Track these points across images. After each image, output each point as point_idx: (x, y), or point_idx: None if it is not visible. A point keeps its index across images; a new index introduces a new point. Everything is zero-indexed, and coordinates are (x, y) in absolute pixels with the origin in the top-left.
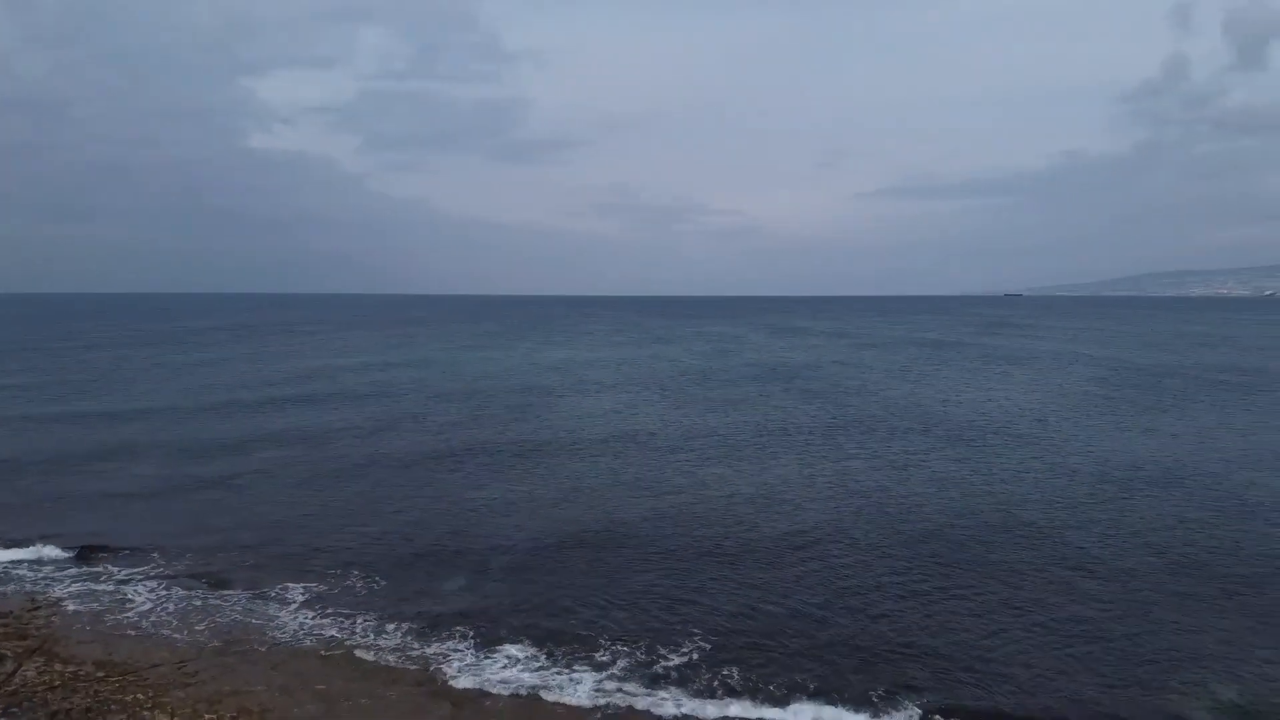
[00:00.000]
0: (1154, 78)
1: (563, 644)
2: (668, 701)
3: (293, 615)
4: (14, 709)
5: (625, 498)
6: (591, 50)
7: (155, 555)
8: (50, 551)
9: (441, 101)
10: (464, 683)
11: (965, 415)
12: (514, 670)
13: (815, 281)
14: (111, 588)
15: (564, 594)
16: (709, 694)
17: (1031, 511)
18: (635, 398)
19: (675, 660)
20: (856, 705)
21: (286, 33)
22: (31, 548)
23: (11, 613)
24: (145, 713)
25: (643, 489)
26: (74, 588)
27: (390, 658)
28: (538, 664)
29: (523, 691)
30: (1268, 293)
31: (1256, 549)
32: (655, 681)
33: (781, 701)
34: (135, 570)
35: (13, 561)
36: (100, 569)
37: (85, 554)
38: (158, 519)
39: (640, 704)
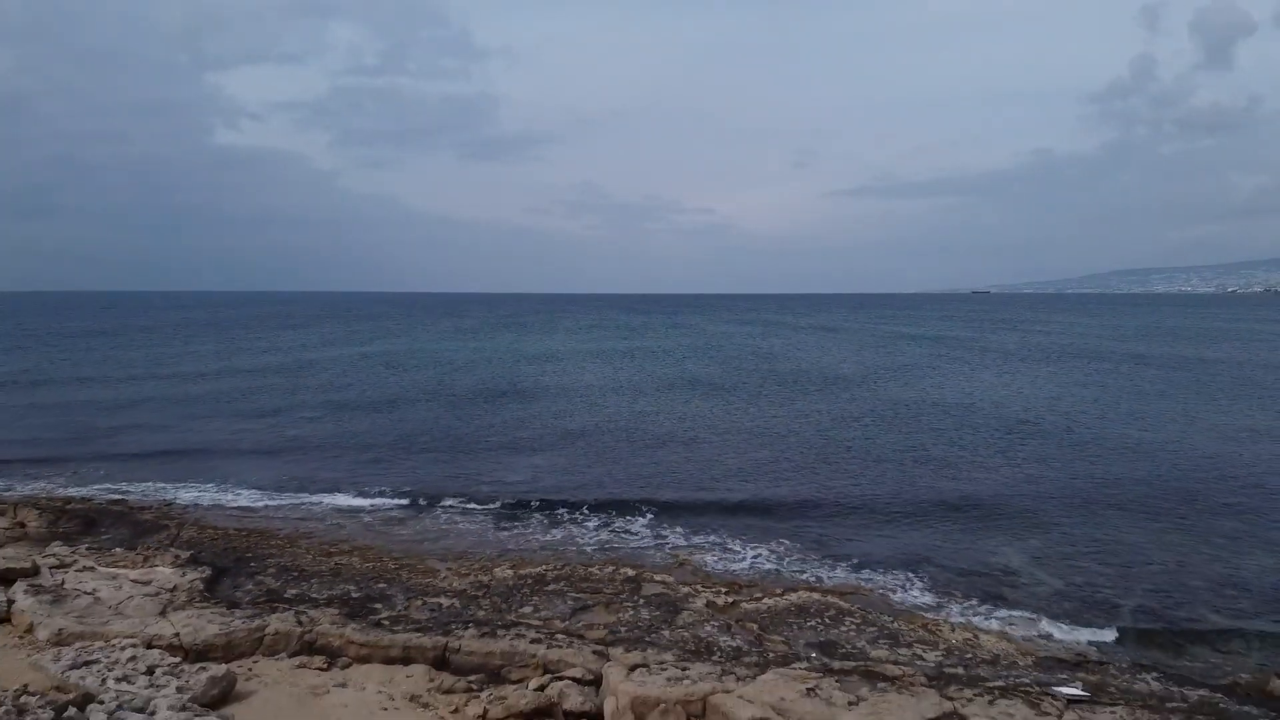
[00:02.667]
0: (1122, 78)
1: (570, 507)
2: (644, 532)
3: (361, 505)
4: (195, 547)
5: (605, 428)
6: (562, 47)
7: (228, 481)
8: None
9: (412, 98)
10: (508, 537)
11: (901, 385)
12: (538, 523)
13: (786, 279)
14: (211, 494)
15: (565, 484)
16: (661, 528)
17: (932, 446)
18: (613, 369)
19: (644, 512)
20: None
21: (254, 28)
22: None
23: (153, 505)
24: (288, 549)
25: (618, 419)
26: (182, 494)
27: (446, 525)
28: (553, 519)
29: (545, 534)
30: (1230, 289)
31: (1091, 472)
32: (630, 522)
33: (703, 529)
34: (223, 484)
35: (117, 480)
36: (184, 484)
37: (165, 475)
38: (211, 457)
39: (621, 537)
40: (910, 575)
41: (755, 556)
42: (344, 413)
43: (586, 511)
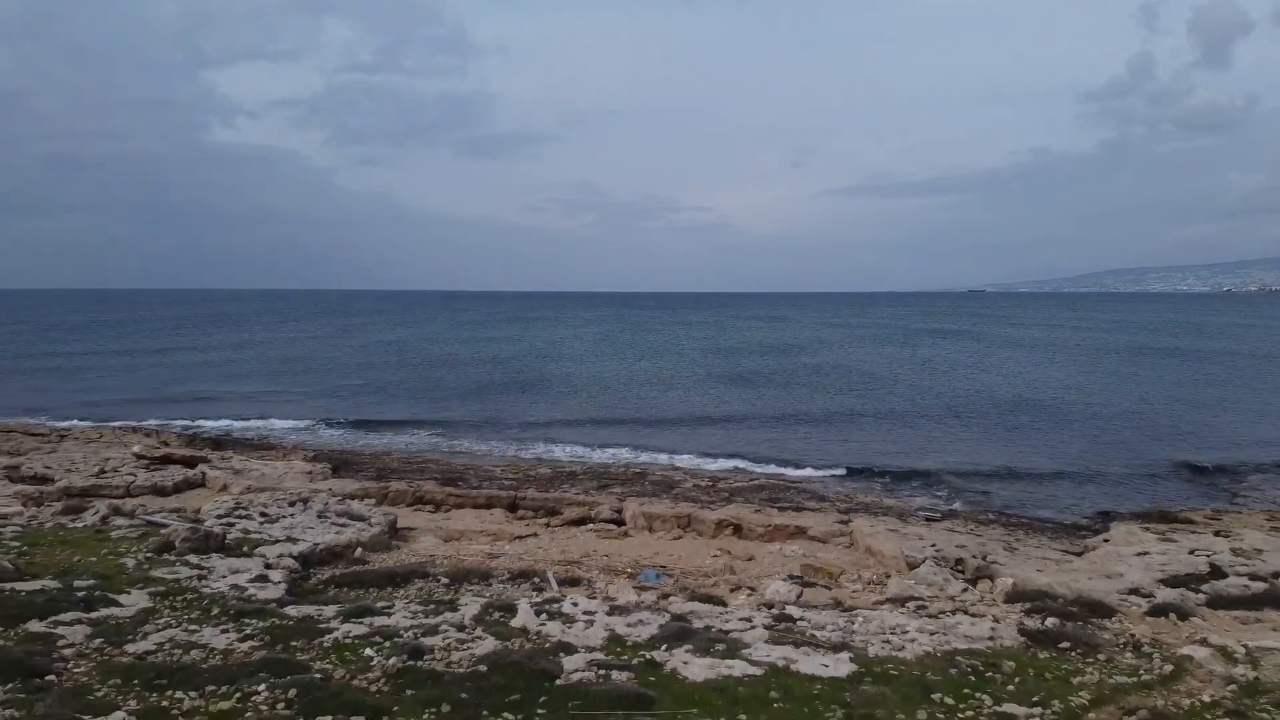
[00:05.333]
0: (1120, 76)
1: (582, 435)
2: (642, 452)
3: (416, 439)
4: (314, 454)
5: (603, 385)
6: (558, 45)
7: (305, 420)
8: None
9: (407, 95)
10: (539, 453)
11: (870, 360)
12: (558, 447)
13: (783, 278)
14: (297, 429)
15: (575, 422)
16: (655, 450)
17: (888, 401)
18: (608, 346)
19: (640, 439)
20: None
21: (250, 25)
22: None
23: (254, 436)
24: (379, 459)
25: (613, 380)
26: (275, 427)
27: (488, 448)
28: (569, 445)
29: (565, 452)
30: (1226, 288)
31: (1016, 420)
32: (630, 445)
33: (688, 449)
34: (302, 423)
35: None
36: (271, 422)
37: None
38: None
39: (624, 454)
40: (847, 476)
41: (728, 463)
42: (382, 379)
43: (595, 440)
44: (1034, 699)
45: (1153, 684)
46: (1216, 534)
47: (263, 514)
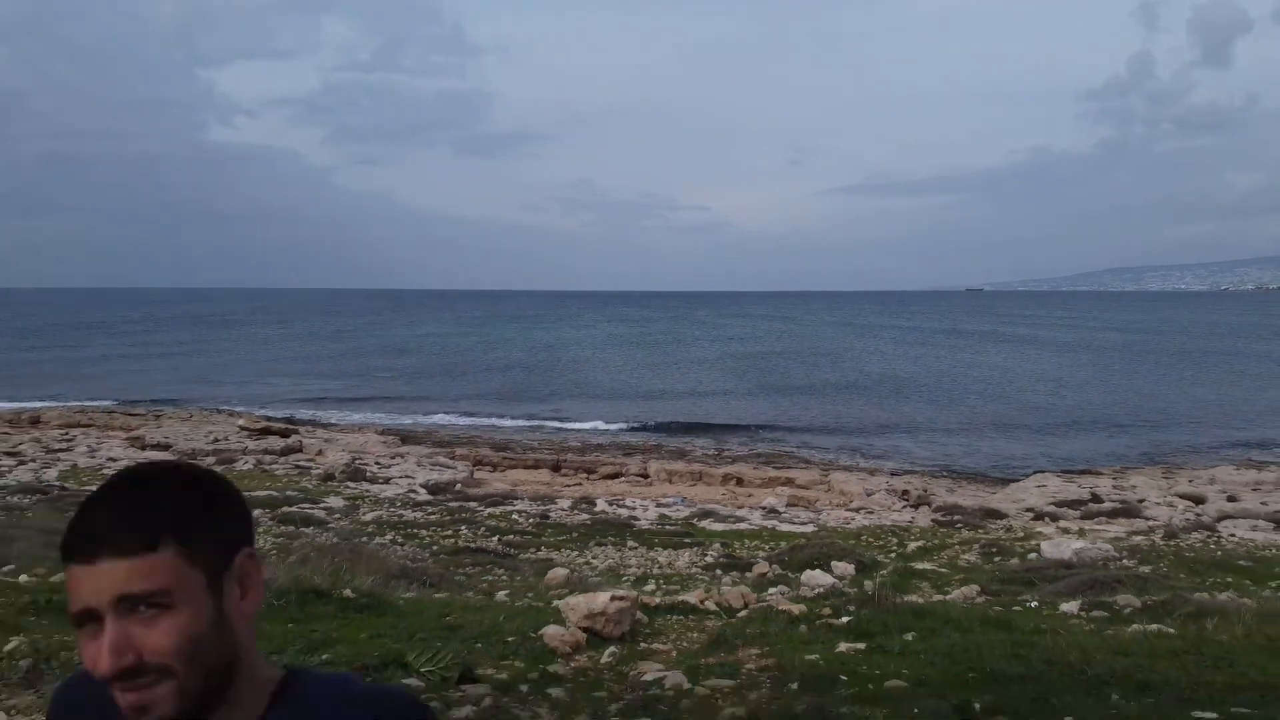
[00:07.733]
0: (1120, 75)
1: (601, 413)
2: (651, 433)
3: (457, 420)
4: (382, 430)
5: (608, 374)
6: (556, 44)
7: (352, 411)
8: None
9: (406, 94)
10: (567, 433)
11: (854, 352)
12: (583, 430)
13: (782, 276)
14: (347, 415)
15: (593, 405)
16: (662, 433)
17: (857, 383)
18: (609, 338)
19: (650, 424)
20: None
21: (247, 23)
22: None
23: (311, 420)
24: (433, 435)
25: (617, 370)
26: (326, 416)
27: (521, 432)
28: (592, 428)
29: (588, 432)
30: (1223, 287)
31: (973, 404)
32: (643, 426)
33: (695, 430)
34: (349, 411)
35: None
36: (320, 411)
37: (297, 406)
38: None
39: (639, 435)
40: (831, 447)
41: (728, 440)
42: (407, 370)
43: (613, 418)
44: (924, 540)
45: (1007, 540)
46: (1113, 480)
47: (377, 463)
